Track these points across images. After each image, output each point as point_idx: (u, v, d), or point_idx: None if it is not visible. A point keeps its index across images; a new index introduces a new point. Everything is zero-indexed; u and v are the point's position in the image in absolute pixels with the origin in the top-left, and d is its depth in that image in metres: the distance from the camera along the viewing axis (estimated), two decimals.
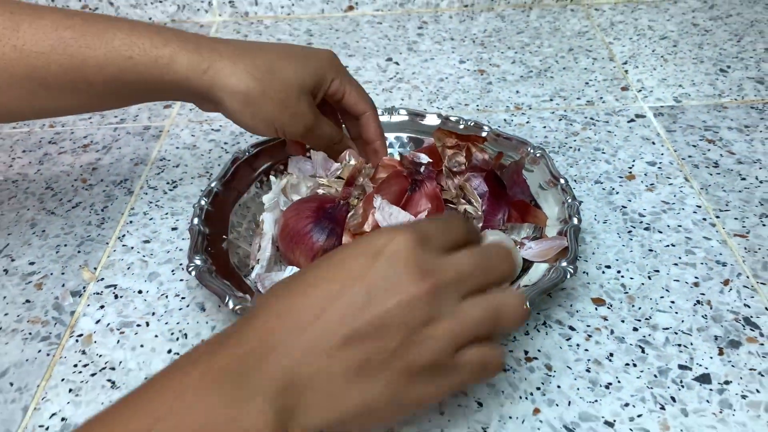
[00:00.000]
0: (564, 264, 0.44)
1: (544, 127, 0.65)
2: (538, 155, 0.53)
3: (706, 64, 0.74)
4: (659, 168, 0.59)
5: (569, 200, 0.49)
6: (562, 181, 0.51)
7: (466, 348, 0.32)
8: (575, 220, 0.47)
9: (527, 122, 0.66)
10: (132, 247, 0.53)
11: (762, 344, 0.44)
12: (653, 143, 0.63)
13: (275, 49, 0.48)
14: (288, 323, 0.30)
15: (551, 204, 0.51)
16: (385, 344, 0.30)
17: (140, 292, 0.49)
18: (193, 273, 0.44)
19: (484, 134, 0.56)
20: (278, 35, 0.84)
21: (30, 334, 0.47)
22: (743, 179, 0.58)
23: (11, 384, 0.43)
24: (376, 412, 0.31)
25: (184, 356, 0.31)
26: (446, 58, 0.78)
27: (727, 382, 0.41)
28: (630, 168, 0.60)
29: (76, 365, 0.44)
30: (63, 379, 0.43)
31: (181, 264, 0.51)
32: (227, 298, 0.42)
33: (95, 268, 0.52)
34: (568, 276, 0.43)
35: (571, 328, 0.45)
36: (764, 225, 0.53)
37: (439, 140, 0.51)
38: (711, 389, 0.41)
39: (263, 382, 0.29)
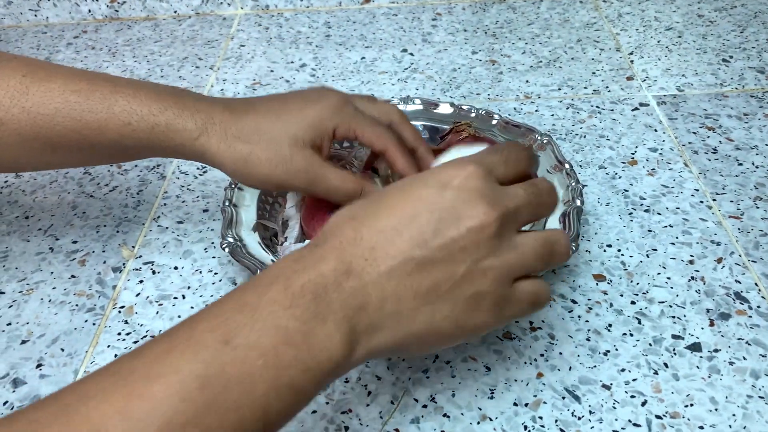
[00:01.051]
0: None
1: (552, 115, 0.69)
2: (545, 142, 0.57)
3: (709, 54, 0.77)
4: (660, 154, 0.63)
5: (573, 184, 0.53)
6: (567, 165, 0.54)
7: (520, 281, 0.35)
8: (578, 202, 0.51)
9: (536, 110, 0.70)
10: (167, 228, 0.57)
11: (750, 316, 0.47)
12: (655, 130, 0.66)
13: (270, 106, 0.47)
14: (363, 247, 0.33)
15: (557, 187, 0.54)
16: (453, 270, 0.33)
17: (176, 268, 0.54)
18: (227, 249, 0.48)
19: (494, 122, 0.60)
20: (297, 27, 0.88)
21: (77, 305, 0.51)
22: (740, 164, 0.61)
23: (62, 350, 0.48)
24: (438, 335, 0.34)
25: (261, 275, 0.33)
26: (459, 49, 0.82)
27: (716, 350, 0.45)
28: (633, 154, 0.63)
29: (119, 333, 0.49)
30: (108, 346, 0.48)
31: (213, 243, 0.55)
32: (258, 272, 0.46)
33: (133, 247, 0.56)
34: (570, 252, 0.47)
35: (573, 302, 0.49)
36: (758, 207, 0.56)
37: None
38: (701, 356, 0.45)
39: (337, 305, 0.31)
